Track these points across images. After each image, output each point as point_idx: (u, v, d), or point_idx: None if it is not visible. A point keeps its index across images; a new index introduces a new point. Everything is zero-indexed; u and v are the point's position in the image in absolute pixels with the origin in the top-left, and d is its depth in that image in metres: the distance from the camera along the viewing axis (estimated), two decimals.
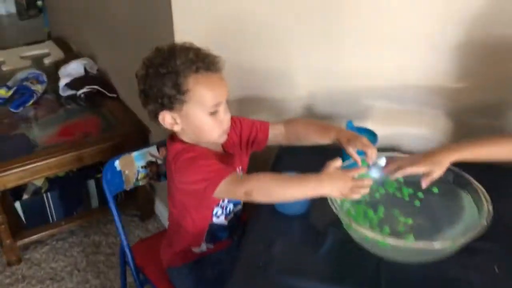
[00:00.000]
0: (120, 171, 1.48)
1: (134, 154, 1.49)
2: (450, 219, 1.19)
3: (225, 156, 1.30)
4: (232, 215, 1.36)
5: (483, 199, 1.13)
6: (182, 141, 1.23)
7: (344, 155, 1.35)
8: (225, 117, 1.20)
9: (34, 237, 2.06)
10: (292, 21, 1.48)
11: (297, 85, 1.57)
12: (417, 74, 1.45)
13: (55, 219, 2.10)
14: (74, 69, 2.44)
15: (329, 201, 1.11)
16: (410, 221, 1.20)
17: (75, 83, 2.36)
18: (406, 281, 1.09)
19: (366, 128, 1.43)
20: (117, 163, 1.47)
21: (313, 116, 1.60)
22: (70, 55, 2.84)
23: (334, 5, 1.42)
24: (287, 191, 1.10)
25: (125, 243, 1.48)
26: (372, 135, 1.41)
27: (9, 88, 2.35)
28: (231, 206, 1.35)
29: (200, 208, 1.28)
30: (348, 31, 1.45)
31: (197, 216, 1.29)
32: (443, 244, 1.03)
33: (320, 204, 1.14)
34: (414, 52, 1.43)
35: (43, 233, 2.08)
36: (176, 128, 1.20)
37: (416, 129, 1.54)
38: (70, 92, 2.36)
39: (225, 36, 1.51)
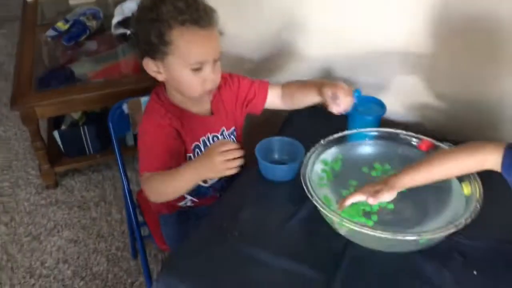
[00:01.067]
0: (127, 115, 1.50)
1: (143, 99, 1.50)
2: (437, 207, 1.07)
3: (207, 117, 1.27)
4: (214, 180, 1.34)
5: (476, 193, 1.01)
6: (164, 97, 1.23)
7: (349, 123, 1.28)
8: (210, 76, 1.14)
9: (72, 165, 2.20)
10: None
11: (312, 45, 1.47)
12: (444, 45, 1.28)
13: (92, 152, 2.21)
14: (128, 7, 2.46)
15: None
16: (391, 207, 1.09)
17: (126, 22, 2.40)
18: (370, 269, 1.00)
19: (375, 97, 1.31)
20: (125, 106, 1.49)
21: (330, 80, 1.49)
22: None
23: None
24: (171, 187, 1.12)
25: (125, 187, 1.52)
26: (380, 106, 1.30)
27: (67, 21, 2.45)
28: None
29: None
30: None
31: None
32: (406, 236, 0.93)
33: None
34: (442, 21, 1.25)
35: (80, 163, 2.21)
36: (160, 78, 1.18)
37: (439, 103, 1.38)
38: (121, 30, 2.40)
39: None
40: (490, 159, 0.94)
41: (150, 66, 1.16)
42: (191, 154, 1.26)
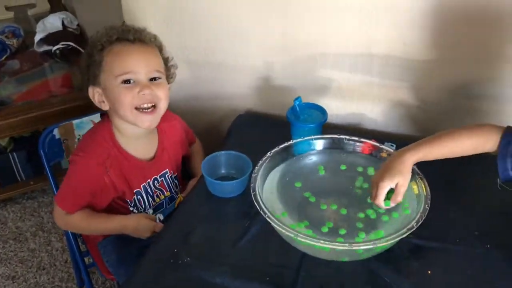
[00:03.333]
0: (59, 139, 1.41)
1: (75, 122, 1.42)
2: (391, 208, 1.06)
3: (149, 163, 1.26)
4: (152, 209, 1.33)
5: (423, 191, 1.02)
6: (110, 136, 1.20)
7: (293, 132, 1.28)
8: (144, 90, 1.11)
9: (3, 195, 2.05)
10: None
11: (250, 54, 1.44)
12: (382, 44, 1.30)
13: (24, 179, 2.08)
14: (51, 23, 2.35)
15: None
16: (344, 212, 1.08)
17: (50, 39, 2.28)
18: (329, 280, 0.98)
19: (316, 104, 1.31)
20: (56, 131, 1.40)
21: (270, 88, 1.49)
22: (56, 7, 2.74)
23: None
24: (92, 228, 1.24)
25: None
26: (321, 112, 1.30)
27: None
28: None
29: None
30: None
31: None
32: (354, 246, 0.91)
33: None
34: (379, 21, 1.26)
35: (12, 192, 2.07)
36: (105, 107, 1.17)
37: (379, 105, 1.40)
38: (45, 47, 2.28)
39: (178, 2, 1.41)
40: (491, 139, 0.99)
41: (95, 95, 1.16)
42: (129, 200, 1.26)
